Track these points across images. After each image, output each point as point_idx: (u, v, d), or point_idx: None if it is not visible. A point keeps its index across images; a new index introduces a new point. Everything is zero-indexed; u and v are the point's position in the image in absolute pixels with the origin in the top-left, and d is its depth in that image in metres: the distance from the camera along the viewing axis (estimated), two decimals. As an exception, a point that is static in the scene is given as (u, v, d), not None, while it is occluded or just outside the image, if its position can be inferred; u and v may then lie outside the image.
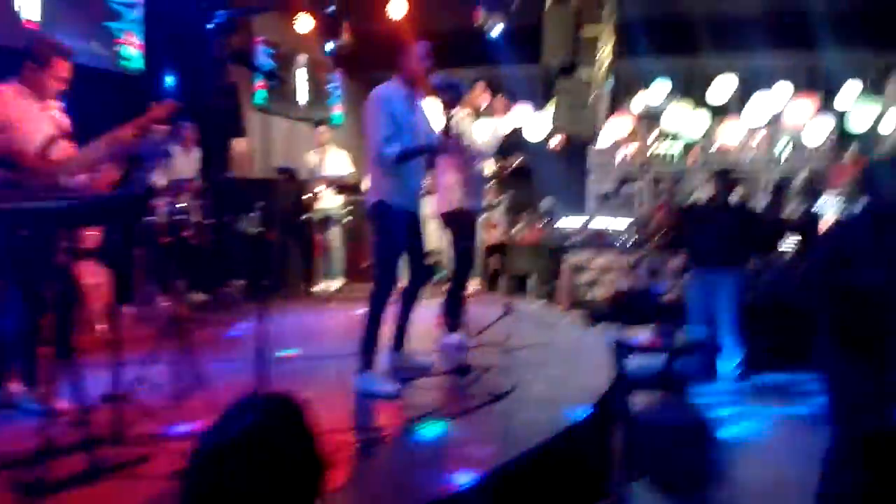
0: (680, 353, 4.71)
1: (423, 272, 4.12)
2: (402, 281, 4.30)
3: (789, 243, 7.37)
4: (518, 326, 5.51)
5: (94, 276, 4.83)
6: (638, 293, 6.67)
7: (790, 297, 6.14)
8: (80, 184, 3.24)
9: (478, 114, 4.83)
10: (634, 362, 4.86)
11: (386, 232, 3.85)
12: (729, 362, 5.85)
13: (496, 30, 7.08)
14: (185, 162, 6.16)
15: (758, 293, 6.36)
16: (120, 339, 2.97)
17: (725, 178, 6.08)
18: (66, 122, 3.40)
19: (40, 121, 3.21)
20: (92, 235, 4.79)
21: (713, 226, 5.86)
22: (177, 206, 5.33)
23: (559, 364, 4.40)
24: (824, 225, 7.55)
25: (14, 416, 3.23)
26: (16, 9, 4.92)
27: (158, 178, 4.94)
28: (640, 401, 4.02)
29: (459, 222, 4.80)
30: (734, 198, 6.55)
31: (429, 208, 5.03)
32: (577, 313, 6.62)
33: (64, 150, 3.25)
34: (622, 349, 4.83)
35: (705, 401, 4.60)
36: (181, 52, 6.81)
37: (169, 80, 6.56)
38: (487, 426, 3.30)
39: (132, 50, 6.19)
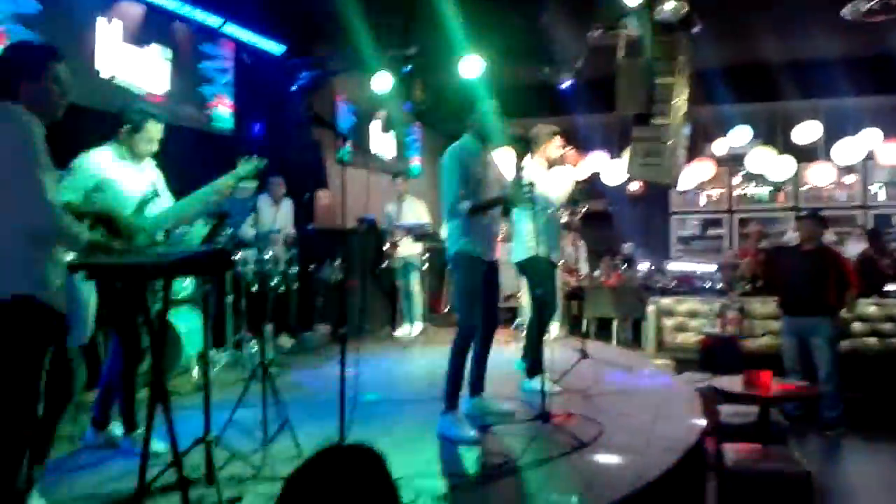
0: (776, 402, 4.49)
1: (494, 319, 4.18)
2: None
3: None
4: (602, 372, 5.41)
5: (188, 323, 5.07)
6: (727, 340, 6.41)
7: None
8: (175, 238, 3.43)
9: (551, 164, 4.88)
10: (727, 411, 4.67)
11: (465, 280, 3.95)
12: (828, 411, 5.53)
13: (566, 83, 7.16)
14: (275, 214, 6.44)
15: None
16: (210, 384, 3.08)
17: (815, 220, 5.83)
18: (160, 180, 3.61)
19: (136, 181, 3.44)
20: (186, 284, 5.07)
21: (803, 271, 5.61)
22: (265, 256, 5.55)
23: (646, 411, 4.25)
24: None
25: (115, 456, 3.40)
26: (100, 72, 5.31)
27: (247, 230, 5.17)
28: (733, 451, 3.84)
29: (536, 269, 4.82)
30: (826, 240, 6.28)
31: (505, 255, 5.07)
32: (665, 359, 6.42)
33: (159, 207, 3.46)
34: (714, 397, 4.66)
35: (804, 451, 4.36)
36: (268, 112, 7.20)
37: (257, 139, 6.92)
38: (570, 476, 3.22)
39: (223, 110, 6.57)
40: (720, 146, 10.05)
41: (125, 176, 3.38)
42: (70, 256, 2.55)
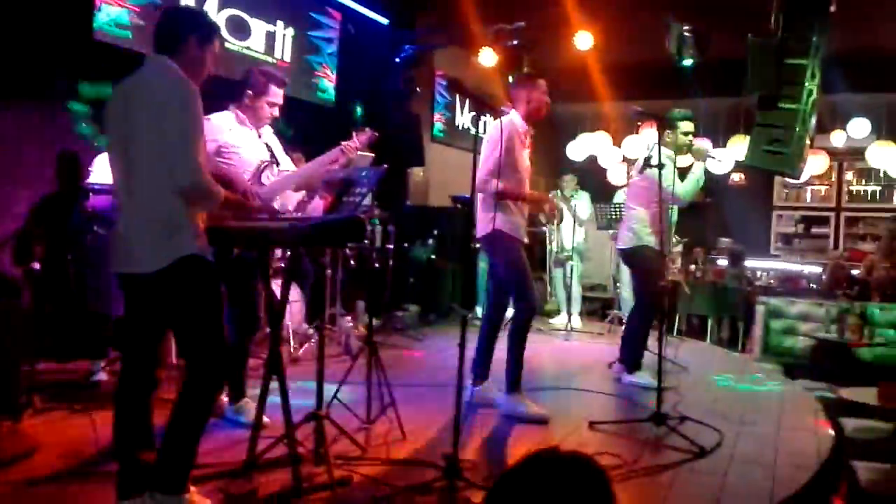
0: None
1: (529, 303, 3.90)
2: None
3: None
4: (708, 373, 5.11)
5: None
6: (841, 347, 5.96)
7: None
8: (291, 207, 3.34)
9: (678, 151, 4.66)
10: (852, 425, 4.30)
11: (512, 257, 3.83)
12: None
13: (688, 62, 6.70)
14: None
15: None
16: (321, 358, 2.99)
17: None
18: (278, 146, 3.54)
19: (255, 146, 3.37)
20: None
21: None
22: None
23: (764, 420, 3.95)
24: None
25: (220, 425, 3.36)
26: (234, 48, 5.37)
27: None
28: (869, 471, 3.52)
29: (645, 260, 4.57)
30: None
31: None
32: (771, 364, 6.03)
33: (276, 174, 3.38)
34: (837, 409, 4.31)
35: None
36: (368, 84, 7.11)
37: (357, 111, 6.83)
38: (694, 487, 2.97)
39: (327, 83, 6.50)
40: (838, 138, 9.39)
41: (245, 141, 3.31)
42: None
